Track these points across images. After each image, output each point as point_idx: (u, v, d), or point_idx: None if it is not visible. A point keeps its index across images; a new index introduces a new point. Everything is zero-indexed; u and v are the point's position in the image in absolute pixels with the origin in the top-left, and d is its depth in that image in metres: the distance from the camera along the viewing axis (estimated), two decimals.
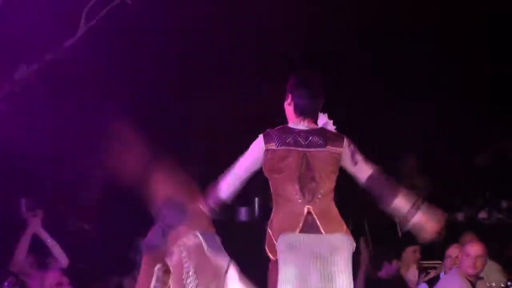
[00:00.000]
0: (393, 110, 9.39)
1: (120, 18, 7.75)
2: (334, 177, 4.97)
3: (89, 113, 8.18)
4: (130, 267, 7.77)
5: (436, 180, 9.85)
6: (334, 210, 5.00)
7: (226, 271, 4.53)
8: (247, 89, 8.74)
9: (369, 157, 4.99)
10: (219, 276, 4.46)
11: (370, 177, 4.98)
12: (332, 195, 5.00)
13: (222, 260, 4.49)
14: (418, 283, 7.71)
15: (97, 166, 8.26)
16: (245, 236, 7.97)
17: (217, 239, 4.56)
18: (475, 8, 8.78)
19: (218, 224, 4.95)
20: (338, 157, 4.95)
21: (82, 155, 8.16)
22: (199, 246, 4.48)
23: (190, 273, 4.43)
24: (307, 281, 4.84)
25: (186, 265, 4.46)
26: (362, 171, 4.99)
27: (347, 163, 5.00)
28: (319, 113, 5.09)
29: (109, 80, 8.19)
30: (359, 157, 4.98)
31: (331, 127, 5.10)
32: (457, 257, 7.17)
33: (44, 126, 7.95)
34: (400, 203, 4.97)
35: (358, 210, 5.05)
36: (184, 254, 4.45)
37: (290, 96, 5.03)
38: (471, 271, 6.79)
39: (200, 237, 4.54)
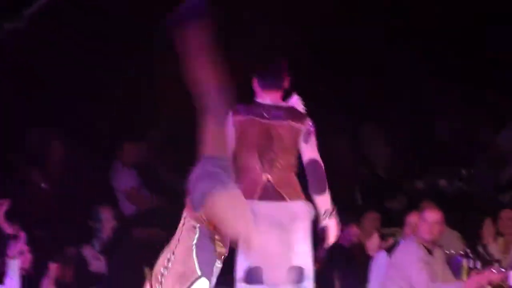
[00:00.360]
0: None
1: None
2: (294, 152, 5.18)
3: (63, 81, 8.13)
4: (89, 236, 7.77)
5: (396, 147, 9.92)
6: (294, 181, 5.18)
7: (194, 281, 4.24)
8: None
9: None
10: (184, 283, 4.21)
11: (311, 161, 5.18)
12: (293, 169, 5.20)
13: (198, 267, 4.25)
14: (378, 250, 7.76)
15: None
16: None
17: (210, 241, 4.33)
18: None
19: None
20: (298, 132, 5.18)
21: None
22: (190, 239, 4.26)
23: (172, 258, 4.20)
24: (267, 248, 4.90)
25: (176, 247, 4.22)
26: (308, 152, 5.20)
27: (300, 139, 5.20)
28: (294, 95, 5.32)
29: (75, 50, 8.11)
30: (312, 139, 5.21)
31: (300, 107, 5.30)
32: (416, 224, 7.22)
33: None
34: (323, 201, 5.19)
35: None
36: (180, 234, 4.24)
37: (257, 76, 5.30)
38: (427, 236, 6.84)
39: (197, 233, 4.17)
